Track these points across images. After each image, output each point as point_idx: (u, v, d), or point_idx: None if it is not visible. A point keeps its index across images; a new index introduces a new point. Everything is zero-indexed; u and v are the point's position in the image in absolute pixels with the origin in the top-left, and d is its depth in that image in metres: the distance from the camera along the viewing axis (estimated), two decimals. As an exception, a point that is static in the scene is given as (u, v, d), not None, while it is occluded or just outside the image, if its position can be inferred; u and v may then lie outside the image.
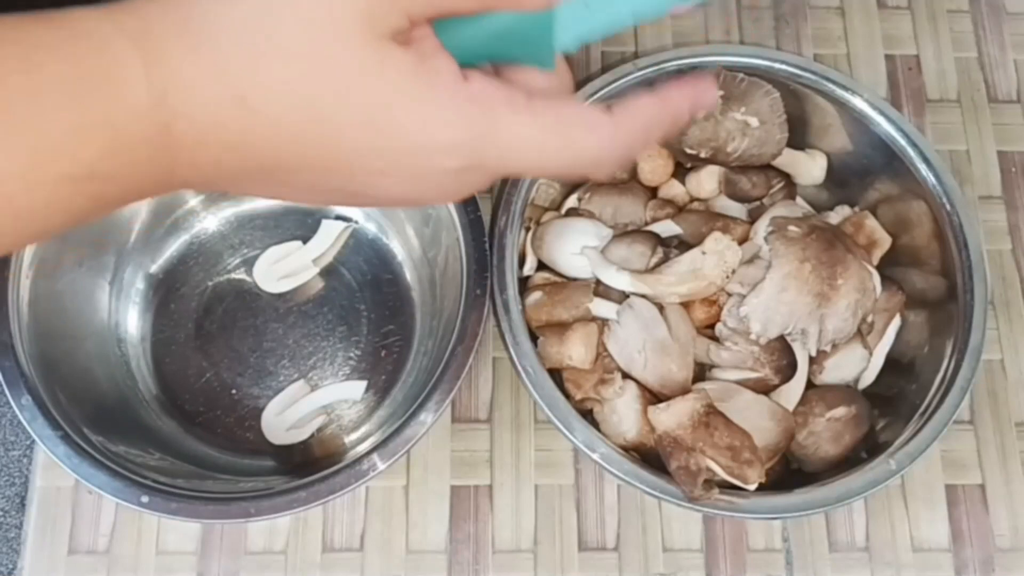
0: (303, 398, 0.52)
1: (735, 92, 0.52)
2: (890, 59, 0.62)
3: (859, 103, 0.53)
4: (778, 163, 0.54)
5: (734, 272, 0.48)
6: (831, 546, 0.51)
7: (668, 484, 0.44)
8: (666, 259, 0.49)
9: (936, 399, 0.47)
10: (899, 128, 0.52)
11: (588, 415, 0.49)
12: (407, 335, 0.54)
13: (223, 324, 0.54)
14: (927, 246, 0.52)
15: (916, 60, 0.62)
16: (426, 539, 0.50)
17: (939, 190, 0.51)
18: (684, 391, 0.46)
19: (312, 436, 0.52)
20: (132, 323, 0.53)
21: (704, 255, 0.48)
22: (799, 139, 0.55)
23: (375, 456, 0.43)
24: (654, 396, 0.47)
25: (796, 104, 0.53)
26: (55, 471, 0.50)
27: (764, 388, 0.49)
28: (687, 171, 0.55)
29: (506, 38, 0.28)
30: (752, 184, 0.53)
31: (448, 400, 0.44)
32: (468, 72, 0.27)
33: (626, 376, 0.48)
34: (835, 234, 0.49)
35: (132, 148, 0.24)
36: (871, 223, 0.53)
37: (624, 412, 0.47)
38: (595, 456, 0.45)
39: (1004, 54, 0.62)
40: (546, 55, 0.29)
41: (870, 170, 0.54)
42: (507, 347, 0.47)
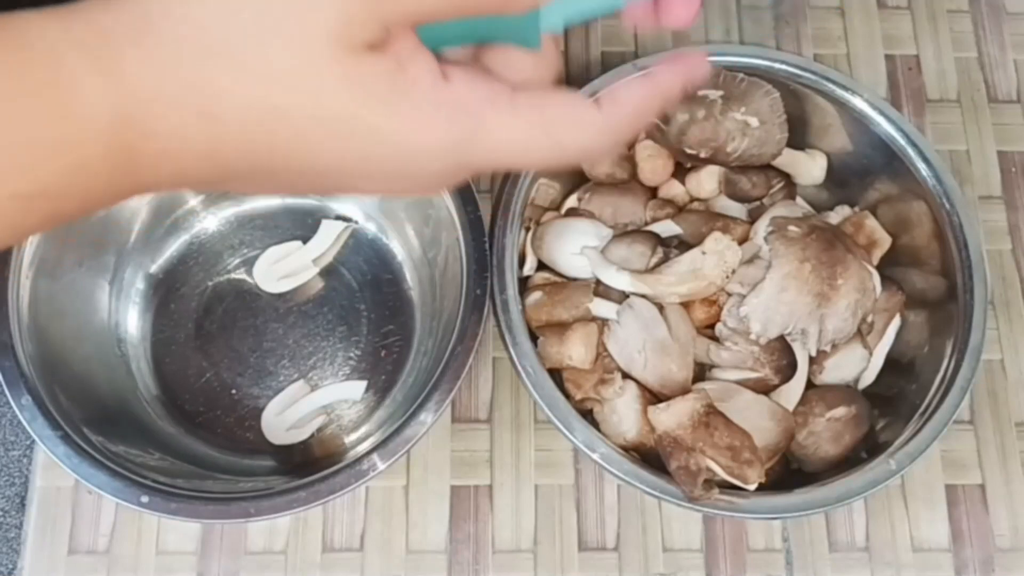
0: (303, 398, 0.52)
1: (735, 92, 0.52)
2: (890, 59, 0.62)
3: (859, 103, 0.53)
4: (778, 163, 0.54)
5: (734, 272, 0.48)
6: (831, 546, 0.51)
7: (668, 484, 0.44)
8: (666, 259, 0.49)
9: (936, 399, 0.47)
10: (899, 128, 0.52)
11: (588, 415, 0.49)
12: (407, 335, 0.54)
13: (223, 324, 0.54)
14: (927, 246, 0.52)
15: (916, 60, 0.62)
16: (426, 539, 0.50)
17: (939, 190, 0.51)
18: (684, 391, 0.46)
19: (312, 436, 0.52)
20: (132, 323, 0.53)
21: (704, 255, 0.47)
22: (799, 139, 0.55)
23: (375, 456, 0.43)
24: (654, 396, 0.47)
25: (796, 104, 0.53)
26: (55, 471, 0.50)
27: (764, 388, 0.49)
28: (687, 171, 0.54)
29: (490, 19, 0.26)
30: (752, 184, 0.53)
31: (448, 400, 0.44)
32: (448, 70, 0.26)
33: (626, 376, 0.48)
34: (835, 234, 0.49)
35: (89, 166, 0.23)
36: (871, 223, 0.53)
37: (624, 412, 0.47)
38: (595, 456, 0.45)
39: (1004, 54, 0.62)
40: (531, 35, 0.28)
41: (870, 170, 0.54)
42: (507, 347, 0.47)
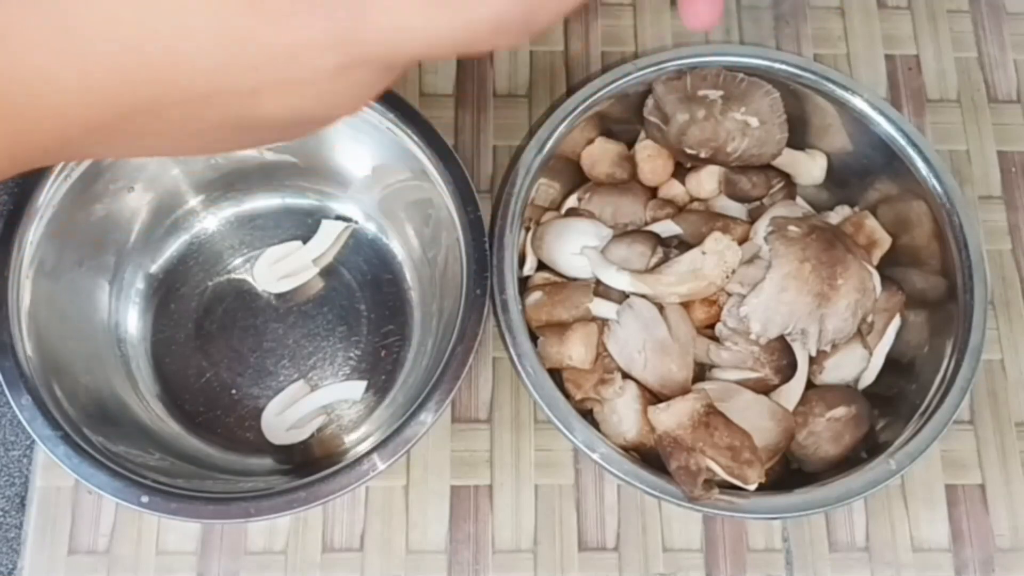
0: (303, 398, 0.52)
1: (735, 92, 0.52)
2: (890, 59, 0.62)
3: (859, 103, 0.53)
4: (778, 163, 0.54)
5: (734, 272, 0.48)
6: (831, 546, 0.51)
7: (668, 484, 0.44)
8: (666, 259, 0.49)
9: (936, 399, 0.47)
10: (899, 128, 0.52)
11: (588, 415, 0.49)
12: (407, 335, 0.54)
13: (223, 324, 0.54)
14: (927, 246, 0.52)
15: (916, 60, 0.62)
16: (426, 539, 0.50)
17: (939, 190, 0.51)
18: (684, 391, 0.46)
19: (312, 436, 0.52)
20: (132, 323, 0.53)
21: (704, 255, 0.47)
22: (799, 139, 0.55)
23: (375, 456, 0.43)
24: (654, 396, 0.47)
25: (796, 104, 0.53)
26: (55, 471, 0.50)
27: (764, 388, 0.49)
28: (687, 171, 0.54)
29: None
30: (752, 184, 0.53)
31: (448, 400, 0.44)
32: None
33: (626, 376, 0.48)
34: (835, 234, 0.48)
35: None
36: (871, 223, 0.53)
37: (624, 412, 0.47)
38: (595, 456, 0.45)
39: (1004, 54, 0.62)
40: None
41: (870, 170, 0.54)
42: (507, 347, 0.47)
